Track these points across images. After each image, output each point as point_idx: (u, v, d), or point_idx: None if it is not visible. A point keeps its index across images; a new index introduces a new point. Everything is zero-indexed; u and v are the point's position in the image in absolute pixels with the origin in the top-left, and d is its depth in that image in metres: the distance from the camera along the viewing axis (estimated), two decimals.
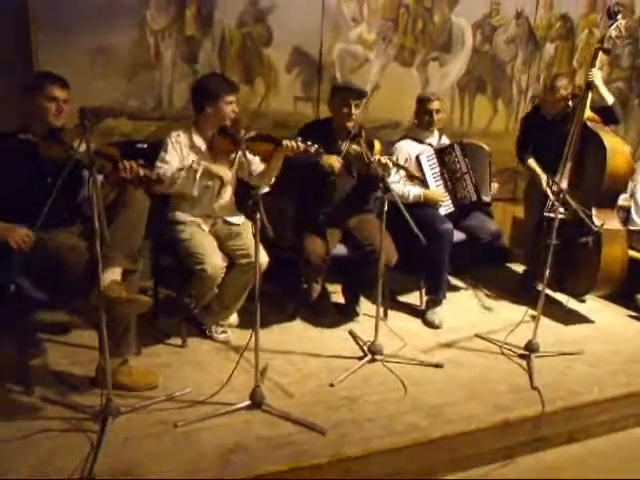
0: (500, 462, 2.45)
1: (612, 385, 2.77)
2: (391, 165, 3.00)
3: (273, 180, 2.94)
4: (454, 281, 4.03)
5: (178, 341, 2.89)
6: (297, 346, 2.96)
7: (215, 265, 2.67)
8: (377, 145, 3.17)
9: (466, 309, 3.65)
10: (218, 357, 2.79)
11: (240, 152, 2.58)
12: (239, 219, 2.98)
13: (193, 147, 2.84)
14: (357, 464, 2.15)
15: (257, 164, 2.93)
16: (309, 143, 2.74)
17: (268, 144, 2.79)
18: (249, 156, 2.86)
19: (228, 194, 2.97)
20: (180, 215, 2.86)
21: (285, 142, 2.73)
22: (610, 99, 3.50)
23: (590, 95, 3.45)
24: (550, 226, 2.90)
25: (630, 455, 2.64)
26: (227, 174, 2.80)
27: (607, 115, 3.51)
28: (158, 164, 2.73)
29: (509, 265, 4.52)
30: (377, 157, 2.96)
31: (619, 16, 3.44)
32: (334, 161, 2.94)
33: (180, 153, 2.81)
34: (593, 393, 2.69)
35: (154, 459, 2.03)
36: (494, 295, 3.88)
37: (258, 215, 2.11)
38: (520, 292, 3.79)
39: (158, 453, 2.06)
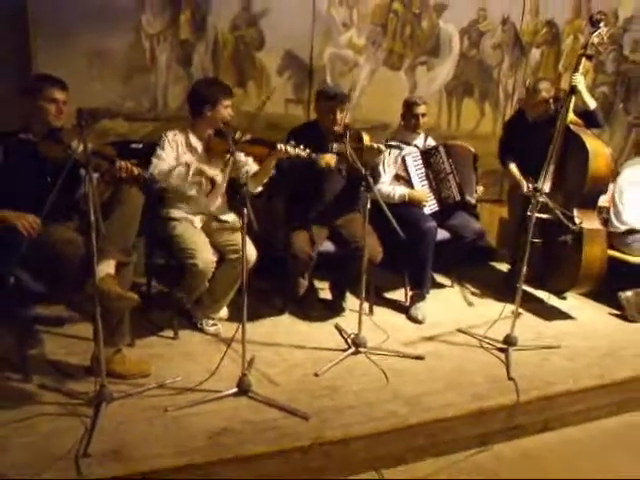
0: (476, 448, 2.57)
1: (586, 377, 2.89)
2: (383, 148, 3.12)
3: (266, 181, 3.05)
4: (439, 279, 4.15)
5: (170, 333, 3.00)
6: (284, 339, 3.07)
7: (206, 260, 2.79)
8: (366, 136, 3.28)
9: (450, 306, 3.77)
10: (208, 348, 2.90)
11: (234, 153, 2.70)
12: (230, 216, 3.10)
13: (190, 147, 2.96)
14: (337, 447, 2.28)
15: (251, 165, 3.05)
16: (302, 147, 2.87)
17: (263, 147, 2.91)
18: (243, 157, 2.99)
19: (220, 194, 3.09)
20: (173, 212, 2.97)
21: (279, 146, 2.85)
22: (592, 104, 3.61)
23: (573, 99, 3.55)
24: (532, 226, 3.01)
25: (603, 444, 2.76)
26: (219, 177, 2.93)
27: (589, 119, 3.61)
28: (154, 160, 2.83)
29: (495, 264, 4.64)
30: (368, 144, 3.07)
31: (601, 24, 3.54)
32: (330, 159, 3.04)
33: (176, 151, 2.92)
34: (567, 384, 2.81)
35: (145, 440, 2.14)
36: (479, 292, 4.01)
37: (245, 210, 2.23)
38: (504, 290, 3.89)
39: (149, 435, 2.18)
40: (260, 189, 3.04)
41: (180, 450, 2.11)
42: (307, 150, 2.87)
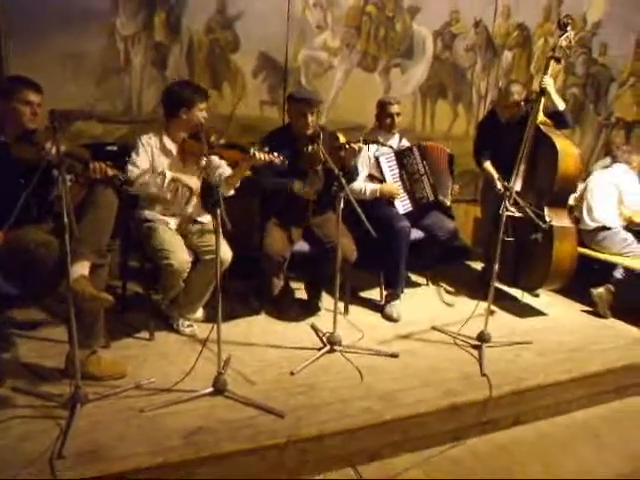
0: (450, 443, 2.61)
1: (556, 372, 2.95)
2: (362, 145, 3.16)
3: (238, 184, 3.06)
4: (415, 278, 4.20)
5: (146, 335, 3.00)
6: (260, 338, 3.09)
7: (181, 260, 2.80)
8: (342, 138, 3.34)
9: (425, 304, 3.83)
10: (184, 349, 2.90)
11: (209, 155, 2.71)
12: (205, 217, 3.11)
13: (164, 150, 2.96)
14: (313, 444, 2.30)
15: (225, 168, 3.05)
16: (275, 154, 2.89)
17: (237, 152, 2.93)
18: (217, 160, 3.00)
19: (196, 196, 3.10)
20: (149, 213, 2.98)
21: (253, 152, 2.86)
22: (561, 105, 3.69)
23: (543, 101, 3.62)
24: (505, 224, 3.07)
25: (572, 436, 2.83)
26: (196, 184, 2.92)
27: (559, 120, 3.69)
28: (129, 167, 2.83)
29: (470, 263, 4.72)
30: (346, 145, 3.12)
31: (569, 28, 3.63)
32: (307, 192, 3.20)
33: (150, 155, 2.92)
34: (538, 379, 2.87)
35: (121, 441, 2.14)
36: (453, 291, 4.07)
37: (218, 211, 2.25)
38: (478, 288, 3.95)
39: (125, 435, 2.17)
40: (232, 192, 3.05)
41: (156, 449, 2.11)
42: (281, 157, 2.90)
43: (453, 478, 2.43)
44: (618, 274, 3.83)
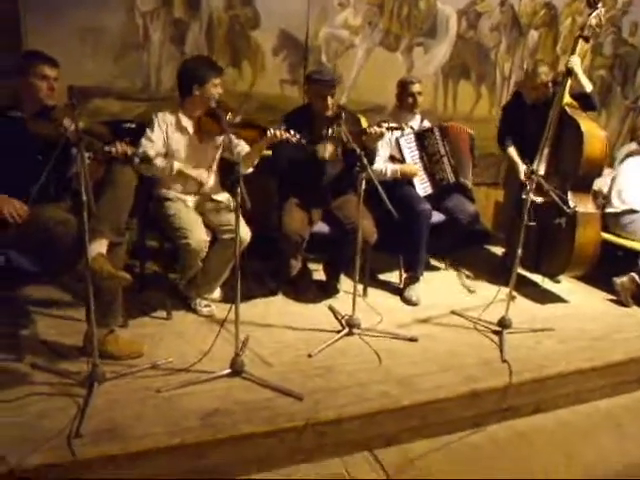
0: (469, 430, 2.58)
1: (578, 360, 2.90)
2: (385, 131, 3.10)
3: (256, 162, 3.03)
4: (435, 262, 4.14)
5: (163, 314, 2.99)
6: (278, 320, 3.07)
7: (199, 240, 2.78)
8: (364, 121, 3.28)
9: (445, 288, 3.77)
10: (202, 329, 2.89)
11: (226, 135, 2.67)
12: (223, 196, 3.08)
13: (180, 127, 2.93)
14: (330, 427, 2.28)
15: (243, 146, 3.02)
16: (292, 132, 2.85)
17: (253, 130, 2.89)
18: (235, 139, 2.96)
19: (213, 174, 3.07)
20: (167, 192, 2.95)
21: (270, 130, 2.83)
22: (589, 86, 3.58)
23: (569, 82, 3.52)
24: (527, 209, 3.00)
25: (594, 425, 2.78)
26: (204, 178, 2.89)
27: (585, 102, 3.59)
28: (143, 141, 2.82)
29: (490, 248, 4.64)
30: (369, 129, 3.07)
31: (599, 5, 3.51)
32: (330, 154, 3.14)
33: (165, 133, 2.89)
34: (560, 366, 2.82)
35: (138, 421, 2.13)
36: (473, 276, 4.00)
37: (238, 189, 2.21)
38: (499, 273, 3.89)
39: (142, 415, 2.17)
40: (251, 170, 3.01)
41: (173, 430, 2.11)
42: (298, 135, 2.86)
43: (472, 464, 2.40)
44: None
